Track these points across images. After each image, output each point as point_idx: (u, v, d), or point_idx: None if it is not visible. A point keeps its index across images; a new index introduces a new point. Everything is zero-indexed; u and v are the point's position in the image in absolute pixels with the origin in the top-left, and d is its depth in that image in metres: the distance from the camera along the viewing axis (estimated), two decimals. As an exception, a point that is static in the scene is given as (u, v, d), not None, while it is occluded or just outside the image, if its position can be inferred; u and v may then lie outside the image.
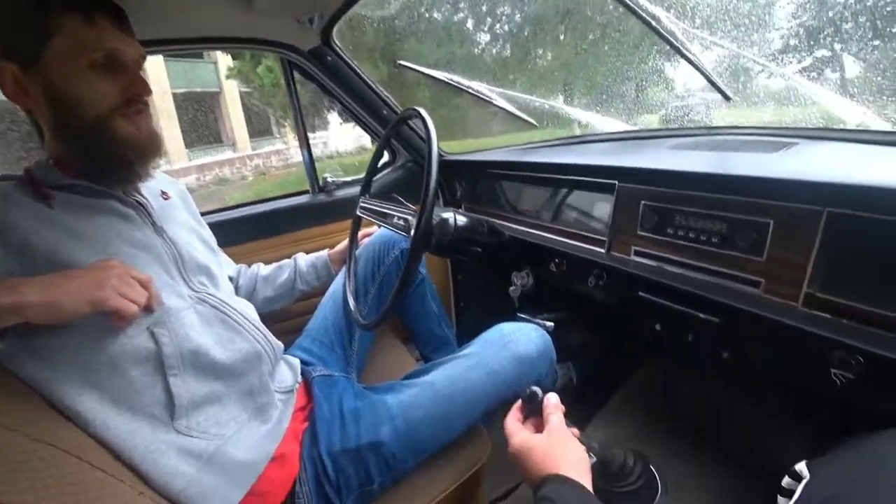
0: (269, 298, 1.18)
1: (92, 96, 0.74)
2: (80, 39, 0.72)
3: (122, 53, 0.76)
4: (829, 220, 0.67)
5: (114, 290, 0.68)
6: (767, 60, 2.25)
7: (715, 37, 1.02)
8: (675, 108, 2.14)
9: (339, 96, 1.43)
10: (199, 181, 12.31)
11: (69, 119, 0.75)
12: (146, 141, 0.81)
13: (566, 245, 1.09)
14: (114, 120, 0.76)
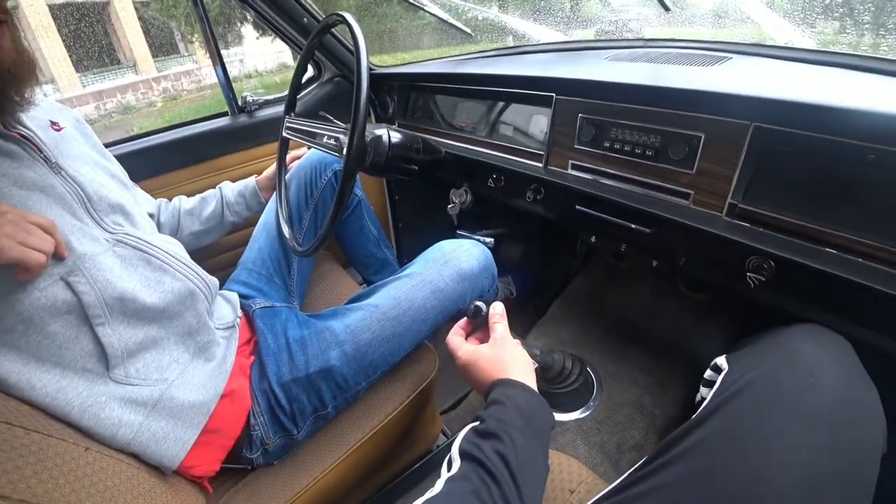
0: (196, 233, 1.12)
1: None
2: None
3: None
4: (755, 134, 0.70)
5: (10, 238, 0.60)
6: None
7: None
8: (609, 23, 2.11)
9: (252, 4, 1.27)
10: (98, 111, 11.00)
11: None
12: (10, 62, 0.66)
13: (504, 160, 1.08)
14: None
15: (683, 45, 1.08)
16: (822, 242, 0.65)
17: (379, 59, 1.55)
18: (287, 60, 2.06)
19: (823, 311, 0.67)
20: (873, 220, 0.62)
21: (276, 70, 9.95)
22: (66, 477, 0.54)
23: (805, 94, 0.66)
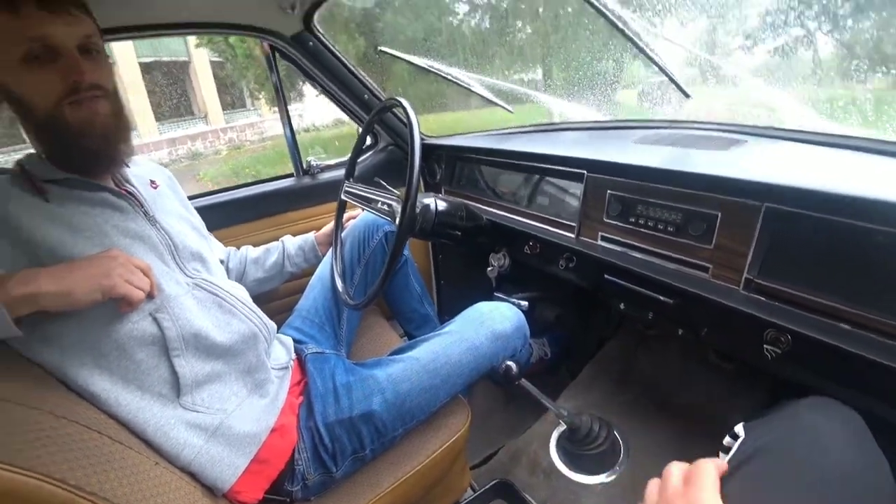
0: (259, 280, 1.23)
1: (34, 91, 0.73)
2: (8, 34, 0.69)
3: (54, 39, 0.71)
4: (767, 214, 0.76)
5: (120, 277, 0.72)
6: (743, 40, 2.33)
7: (680, 39, 1.09)
8: (651, 84, 2.21)
9: (321, 81, 1.47)
10: (171, 155, 11.97)
11: (26, 117, 0.75)
12: (104, 128, 0.79)
13: (539, 229, 1.17)
14: (62, 111, 0.74)
15: (704, 126, 1.16)
16: (837, 318, 0.68)
17: (427, 118, 1.71)
18: (342, 116, 2.27)
19: (839, 384, 0.70)
20: (886, 297, 0.65)
21: (332, 125, 10.60)
22: (140, 485, 0.63)
23: (813, 179, 0.72)
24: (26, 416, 0.58)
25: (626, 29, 0.99)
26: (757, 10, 2.31)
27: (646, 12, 1.27)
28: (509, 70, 7.00)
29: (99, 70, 0.77)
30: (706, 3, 2.42)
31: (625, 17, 0.99)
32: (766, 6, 2.24)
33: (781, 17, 2.02)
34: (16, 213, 0.72)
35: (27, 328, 0.67)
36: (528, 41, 6.62)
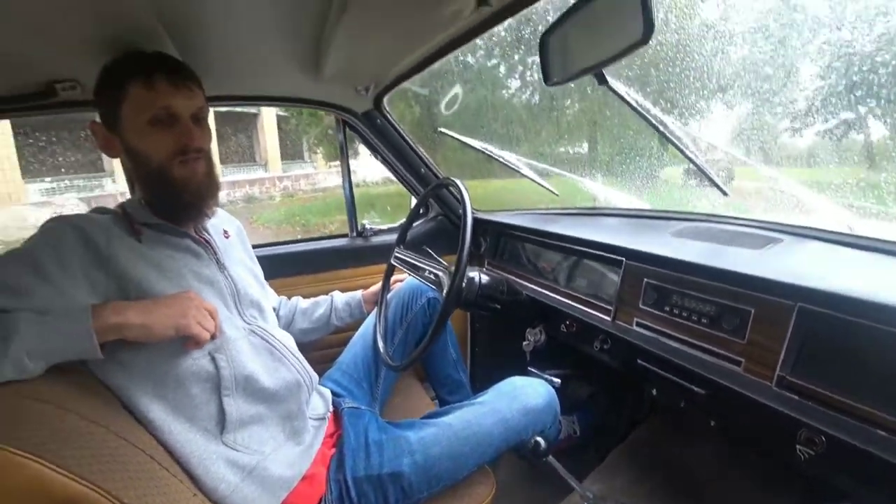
0: (304, 330, 1.31)
1: (153, 148, 0.87)
2: (140, 102, 0.84)
3: (175, 108, 0.87)
4: (801, 314, 0.77)
5: (193, 318, 0.82)
6: (790, 122, 2.38)
7: (717, 142, 1.15)
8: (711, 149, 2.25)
9: (383, 153, 1.62)
10: (228, 197, 12.72)
11: (140, 168, 0.89)
12: (199, 184, 0.92)
13: (577, 309, 1.21)
14: (171, 167, 0.88)
15: (741, 222, 1.19)
16: (873, 423, 0.67)
17: (474, 184, 1.82)
18: (391, 176, 2.39)
19: (876, 491, 0.69)
20: None
21: (381, 183, 11.06)
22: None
23: (848, 282, 0.73)
24: (91, 430, 0.65)
25: (666, 130, 1.06)
26: (805, 93, 2.35)
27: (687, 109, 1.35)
28: (556, 142, 7.21)
29: (203, 136, 0.92)
30: (754, 86, 2.49)
31: (667, 119, 1.07)
32: (815, 88, 2.28)
33: (832, 100, 2.06)
34: (115, 249, 0.83)
35: (105, 353, 0.75)
36: (575, 118, 6.85)
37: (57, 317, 0.71)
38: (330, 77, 1.22)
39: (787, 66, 2.39)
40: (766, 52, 2.46)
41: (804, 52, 2.31)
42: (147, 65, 0.85)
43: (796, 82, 2.38)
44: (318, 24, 0.91)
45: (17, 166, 9.84)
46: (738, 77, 2.62)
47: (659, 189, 2.31)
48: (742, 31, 2.56)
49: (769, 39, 2.44)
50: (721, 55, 2.59)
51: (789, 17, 2.32)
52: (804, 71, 2.34)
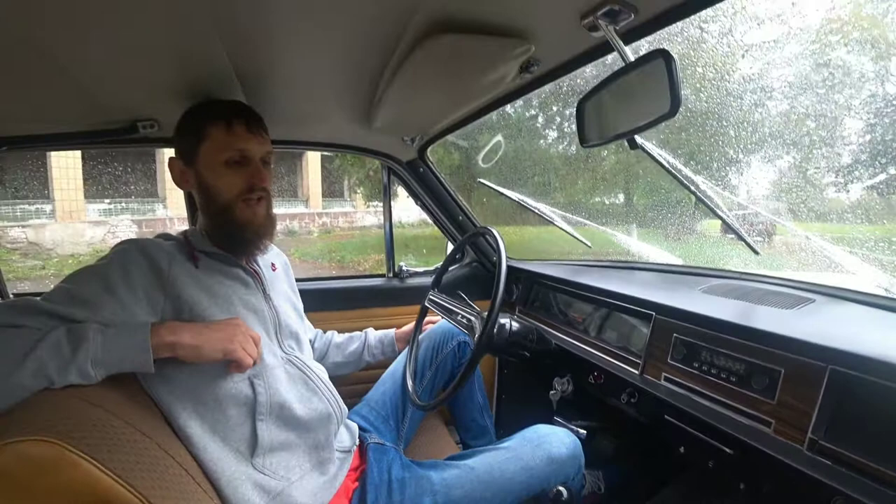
0: (337, 364, 1.35)
1: (224, 187, 0.97)
2: (220, 143, 0.96)
3: (250, 152, 0.98)
4: (832, 376, 0.76)
5: (239, 344, 0.87)
6: (834, 177, 2.34)
7: (747, 200, 1.17)
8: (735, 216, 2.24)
9: (423, 199, 1.70)
10: (268, 230, 13.15)
11: (210, 202, 0.99)
12: (259, 225, 1.02)
13: (605, 361, 1.22)
14: (237, 205, 0.98)
15: (772, 281, 1.19)
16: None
17: (507, 230, 1.87)
18: (427, 219, 2.46)
19: None
20: None
21: (417, 224, 11.29)
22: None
23: (881, 346, 0.73)
24: (136, 439, 0.71)
25: (697, 189, 1.10)
26: (850, 147, 2.32)
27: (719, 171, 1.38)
28: (592, 192, 7.23)
29: (268, 177, 1.02)
30: (796, 140, 2.47)
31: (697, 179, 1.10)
32: (861, 143, 2.25)
33: (878, 154, 2.02)
34: (175, 273, 0.91)
35: (155, 367, 0.81)
36: (611, 169, 6.88)
37: (120, 330, 0.78)
38: (380, 127, 1.32)
39: (831, 120, 2.37)
40: (808, 107, 2.46)
41: (848, 106, 2.30)
42: (228, 112, 0.97)
43: (841, 136, 2.35)
44: (374, 80, 1.01)
45: (81, 187, 10.60)
46: (779, 131, 2.62)
47: (691, 245, 2.31)
48: (782, 87, 2.57)
49: (810, 94, 2.45)
50: (761, 108, 2.60)
51: (830, 72, 2.33)
52: (849, 125, 2.31)
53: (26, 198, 10.22)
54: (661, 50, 0.65)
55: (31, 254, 9.67)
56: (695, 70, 2.55)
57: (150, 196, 12.23)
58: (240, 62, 0.90)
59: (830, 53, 2.26)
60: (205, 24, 0.73)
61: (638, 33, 0.77)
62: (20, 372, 0.68)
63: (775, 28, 2.51)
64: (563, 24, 0.76)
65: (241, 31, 0.77)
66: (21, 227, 9.81)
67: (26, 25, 0.68)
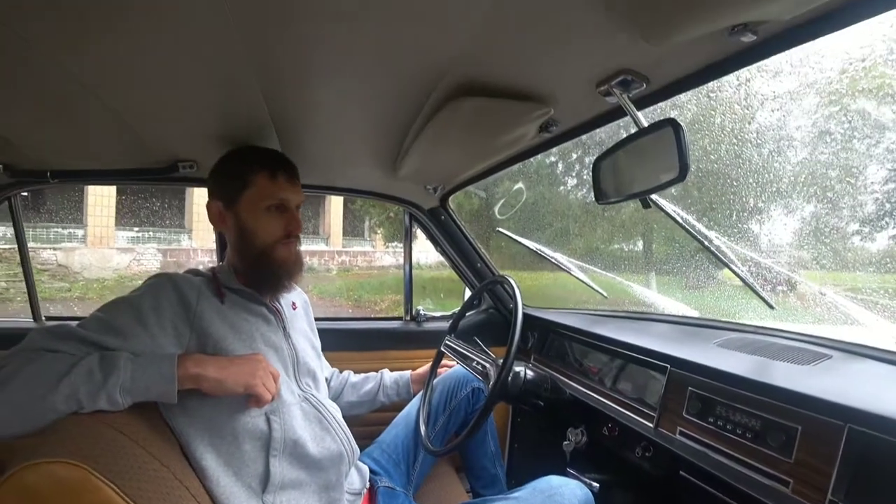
0: (352, 403, 1.37)
1: (264, 230, 1.03)
2: (264, 191, 1.03)
3: (289, 201, 1.05)
4: (851, 435, 0.75)
5: (260, 379, 0.90)
6: (859, 225, 2.32)
7: (759, 254, 1.19)
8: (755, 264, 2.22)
9: (443, 246, 1.76)
10: (288, 265, 13.37)
11: (247, 244, 1.04)
12: (294, 264, 1.08)
13: (619, 413, 1.22)
14: (276, 248, 1.04)
15: (788, 336, 1.18)
16: None
17: (525, 275, 1.89)
18: (444, 261, 2.49)
19: None
20: None
21: (434, 266, 11.37)
22: None
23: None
24: (156, 468, 0.74)
25: (711, 245, 1.12)
26: (874, 195, 2.30)
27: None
28: (611, 240, 7.22)
29: (301, 224, 1.09)
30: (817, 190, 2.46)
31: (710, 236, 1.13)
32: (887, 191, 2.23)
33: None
34: (202, 308, 0.96)
35: (178, 398, 0.84)
36: (630, 217, 6.90)
37: (148, 360, 0.82)
38: (404, 176, 1.39)
39: (853, 168, 2.37)
40: (829, 155, 2.46)
41: (869, 155, 2.29)
42: (273, 162, 1.05)
43: (863, 185, 2.34)
44: (402, 133, 1.08)
45: (113, 215, 11.10)
46: (799, 180, 2.61)
47: (706, 297, 2.30)
48: (801, 137, 2.58)
49: (831, 144, 2.46)
50: (780, 157, 2.61)
51: (850, 122, 2.34)
52: (872, 174, 2.30)
53: (61, 222, 10.72)
54: (669, 119, 0.70)
55: (60, 276, 10.02)
56: (713, 120, 2.59)
57: (178, 227, 12.64)
58: (278, 112, 0.98)
59: (850, 104, 2.29)
60: (249, 77, 0.80)
61: (650, 100, 0.83)
62: (54, 395, 0.72)
63: (792, 80, 2.55)
64: (581, 90, 0.83)
65: (282, 85, 0.85)
66: (53, 249, 10.20)
67: (82, 68, 0.76)
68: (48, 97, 0.88)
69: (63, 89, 0.83)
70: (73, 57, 0.72)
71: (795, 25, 0.62)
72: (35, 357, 0.76)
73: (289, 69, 0.79)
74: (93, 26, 0.64)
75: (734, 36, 0.61)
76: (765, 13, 0.57)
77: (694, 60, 0.73)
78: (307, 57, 0.74)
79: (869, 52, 1.77)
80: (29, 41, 0.67)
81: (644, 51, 0.69)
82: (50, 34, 0.66)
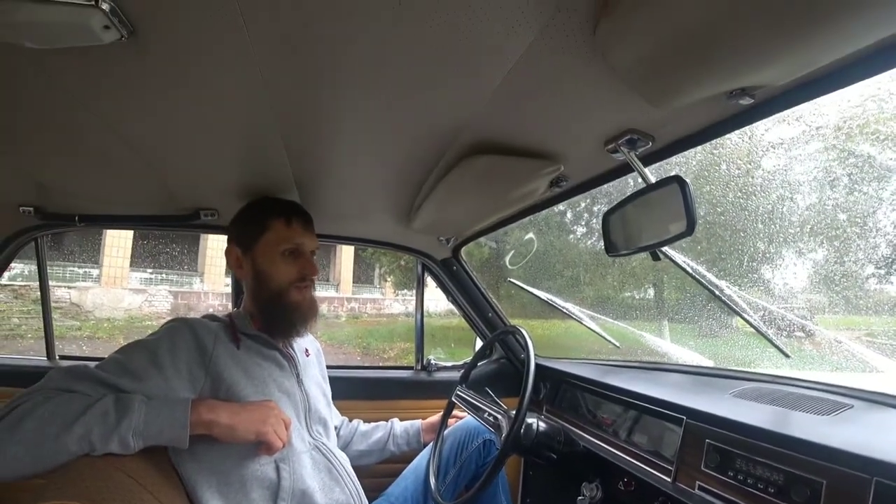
0: (361, 452, 1.35)
1: (279, 274, 1.07)
2: (280, 236, 1.07)
3: (304, 246, 1.10)
4: (878, 489, 0.72)
5: (272, 426, 0.90)
6: (875, 268, 2.28)
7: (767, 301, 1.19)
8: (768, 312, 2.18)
9: (455, 296, 1.78)
10: (298, 310, 13.39)
11: (262, 288, 1.08)
12: (307, 308, 1.11)
13: (635, 466, 1.18)
14: (290, 292, 1.07)
15: (806, 385, 1.15)
16: None
17: (536, 324, 1.89)
18: (454, 308, 2.48)
19: None
20: None
21: (443, 314, 11.32)
22: None
23: None
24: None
25: (722, 295, 1.13)
26: (887, 237, 2.27)
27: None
28: (622, 288, 7.19)
29: (317, 268, 1.13)
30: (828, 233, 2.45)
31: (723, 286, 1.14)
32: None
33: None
34: (218, 353, 0.97)
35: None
36: (640, 265, 6.91)
37: (162, 404, 0.83)
38: (418, 227, 1.42)
39: (862, 212, 2.37)
40: (837, 200, 2.47)
41: (878, 199, 2.30)
42: (289, 210, 1.11)
43: (875, 228, 2.33)
44: (416, 187, 1.13)
45: (129, 256, 11.28)
46: (809, 225, 2.61)
47: (720, 346, 2.27)
48: (808, 181, 2.59)
49: (837, 188, 2.47)
50: (789, 202, 2.62)
51: (854, 164, 2.36)
52: (882, 217, 2.29)
53: (78, 261, 10.90)
54: (675, 176, 0.74)
55: (71, 314, 10.10)
56: (719, 168, 2.63)
57: (191, 271, 12.80)
58: (299, 166, 1.03)
59: (855, 148, 2.32)
60: (274, 134, 0.86)
61: (656, 157, 0.87)
62: (67, 435, 0.73)
63: (795, 128, 2.59)
64: (589, 148, 0.87)
65: (305, 142, 0.91)
66: (67, 287, 10.36)
67: (112, 115, 0.81)
68: (83, 145, 0.93)
69: (99, 139, 0.89)
70: (112, 108, 0.78)
71: (791, 88, 0.66)
72: (52, 396, 0.78)
73: (312, 128, 0.84)
74: (133, 81, 0.69)
75: (732, 99, 0.65)
76: (760, 79, 0.61)
77: (696, 121, 0.77)
78: (330, 118, 0.80)
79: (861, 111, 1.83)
80: (72, 93, 0.72)
81: (649, 113, 0.74)
82: (93, 87, 0.71)
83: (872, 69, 0.60)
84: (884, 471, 0.73)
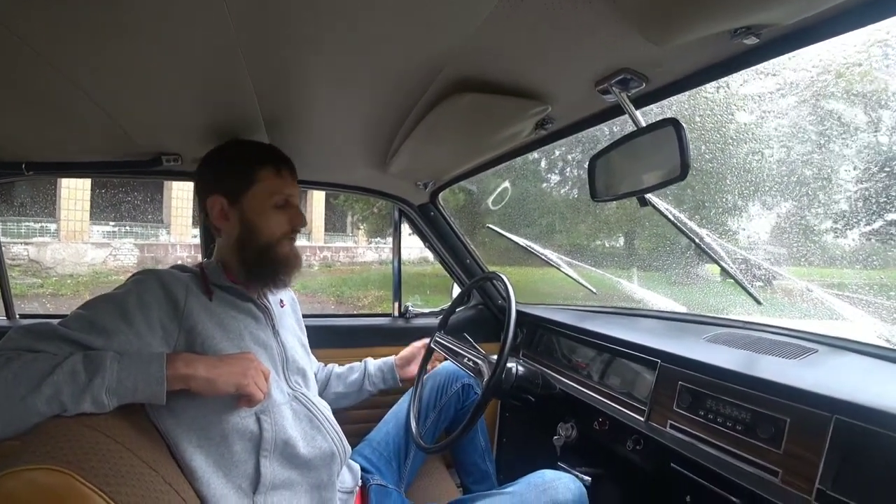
0: (338, 394, 1.35)
1: (270, 227, 1.02)
2: (271, 188, 1.01)
3: (293, 197, 1.05)
4: (838, 426, 0.78)
5: (252, 378, 0.88)
6: (833, 223, 2.37)
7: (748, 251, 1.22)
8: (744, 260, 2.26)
9: (433, 243, 1.75)
10: (268, 262, 13.24)
11: (250, 240, 1.02)
12: (294, 259, 1.07)
13: (610, 407, 1.23)
14: (280, 244, 1.03)
15: (776, 330, 1.20)
16: None
17: (514, 270, 1.89)
18: (428, 255, 2.44)
19: None
20: None
21: (417, 262, 11.34)
22: None
23: (885, 397, 0.74)
24: (144, 472, 0.72)
25: (702, 242, 1.14)
26: (847, 194, 2.35)
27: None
28: (595, 236, 7.28)
29: (305, 219, 1.09)
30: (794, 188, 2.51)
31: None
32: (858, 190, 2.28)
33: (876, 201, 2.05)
34: (190, 305, 0.93)
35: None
36: (614, 213, 6.98)
37: (135, 360, 0.79)
38: (394, 172, 1.37)
39: (827, 168, 2.41)
40: (804, 155, 2.51)
41: (843, 156, 2.34)
42: (276, 158, 1.05)
43: (838, 184, 2.38)
44: (394, 130, 1.06)
45: (87, 209, 10.74)
46: (777, 178, 2.66)
47: (694, 293, 2.33)
48: (778, 135, 2.62)
49: (806, 143, 2.50)
50: (758, 157, 2.65)
51: (825, 123, 2.39)
52: (844, 173, 2.35)
53: (33, 215, 10.36)
54: (671, 119, 0.71)
55: (31, 271, 9.67)
56: (693, 119, 2.61)
57: (155, 222, 12.38)
58: (268, 107, 0.95)
59: (824, 104, 2.33)
60: (241, 72, 0.78)
61: (649, 99, 0.83)
62: (35, 397, 0.69)
63: (770, 81, 2.59)
64: (579, 88, 0.82)
65: (275, 80, 0.83)
66: (24, 243, 9.85)
67: (60, 56, 0.72)
68: (26, 86, 0.84)
69: (43, 79, 0.79)
70: (57, 47, 0.69)
71: (798, 29, 0.63)
72: (14, 357, 0.73)
73: (281, 64, 0.77)
74: (79, 17, 0.61)
75: (737, 38, 0.62)
76: (769, 17, 0.57)
77: (695, 61, 0.74)
78: (300, 53, 0.73)
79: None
80: (15, 33, 0.64)
81: (645, 50, 0.69)
82: (38, 28, 0.63)
83: (888, 10, 0.57)
84: (842, 409, 0.77)
